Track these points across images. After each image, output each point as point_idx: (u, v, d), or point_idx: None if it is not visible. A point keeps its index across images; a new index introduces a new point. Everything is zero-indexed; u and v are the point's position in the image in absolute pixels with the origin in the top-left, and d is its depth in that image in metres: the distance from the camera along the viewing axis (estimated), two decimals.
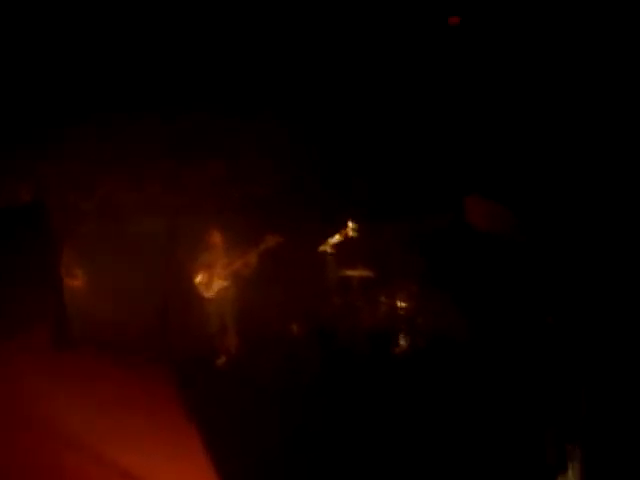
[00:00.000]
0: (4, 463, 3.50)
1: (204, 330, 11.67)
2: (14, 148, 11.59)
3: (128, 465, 3.69)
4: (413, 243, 11.43)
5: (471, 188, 11.67)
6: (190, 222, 11.77)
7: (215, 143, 12.28)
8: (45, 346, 5.13)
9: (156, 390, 4.53)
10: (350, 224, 12.25)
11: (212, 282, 11.93)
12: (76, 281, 11.62)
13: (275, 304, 11.76)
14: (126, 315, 11.25)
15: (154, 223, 11.16)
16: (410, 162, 11.87)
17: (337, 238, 12.08)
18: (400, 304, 11.37)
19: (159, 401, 4.43)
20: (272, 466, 6.03)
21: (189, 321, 11.18)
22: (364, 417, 6.99)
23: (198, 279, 11.97)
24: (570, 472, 6.34)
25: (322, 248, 12.07)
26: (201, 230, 12.07)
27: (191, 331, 11.00)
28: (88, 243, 10.89)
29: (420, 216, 11.77)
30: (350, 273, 12.02)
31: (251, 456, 6.11)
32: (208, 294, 11.94)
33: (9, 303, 5.40)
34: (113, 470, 3.66)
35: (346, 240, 12.21)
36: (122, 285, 11.94)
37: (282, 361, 8.36)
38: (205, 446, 4.17)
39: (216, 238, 12.04)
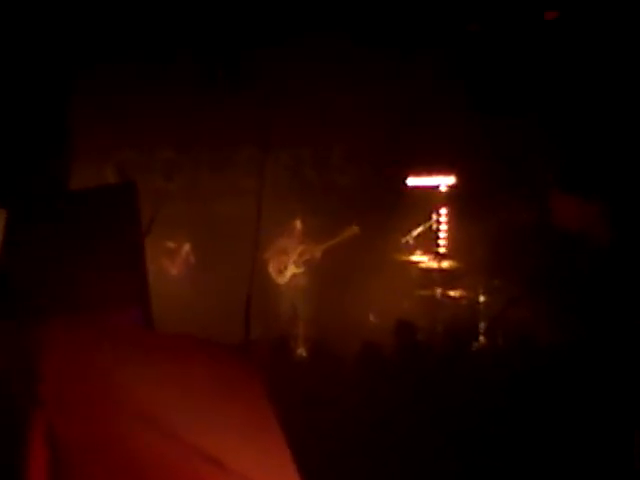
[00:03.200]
0: (86, 441, 3.44)
1: (281, 317, 11.71)
2: (97, 131, 11.70)
3: (207, 447, 3.62)
4: (497, 238, 11.25)
5: (556, 183, 11.47)
6: (271, 207, 11.77)
7: (298, 131, 12.25)
8: (131, 328, 5.08)
9: (237, 376, 4.45)
10: (434, 216, 12.13)
11: (289, 269, 11.94)
12: (161, 263, 11.76)
13: (353, 294, 11.73)
14: (211, 299, 11.33)
15: (240, 207, 11.17)
16: (492, 156, 11.68)
17: (420, 230, 11.98)
18: (482, 299, 11.22)
19: (240, 387, 4.35)
20: (348, 454, 5.99)
21: (267, 307, 11.21)
22: (440, 412, 6.85)
23: (277, 265, 11.99)
24: None
25: (404, 240, 11.97)
26: (281, 216, 12.09)
27: (269, 318, 11.03)
28: (173, 226, 10.95)
29: (504, 211, 11.60)
30: (432, 266, 11.91)
31: (327, 444, 6.06)
32: (284, 280, 11.95)
33: (95, 284, 5.36)
34: (192, 451, 3.59)
35: (429, 232, 12.11)
36: (206, 269, 12.03)
37: (360, 351, 8.25)
38: (283, 432, 4.08)
39: (296, 225, 12.04)
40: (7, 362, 5.05)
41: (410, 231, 11.99)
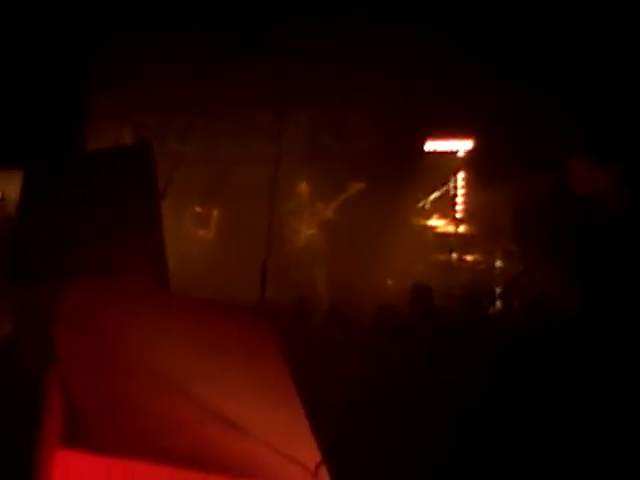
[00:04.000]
0: (101, 398, 3.46)
1: (300, 279, 11.74)
2: (115, 94, 11.70)
3: (222, 407, 3.64)
4: (515, 203, 11.22)
5: (575, 147, 11.39)
6: (288, 172, 11.81)
7: (317, 96, 12.20)
8: (147, 289, 5.10)
9: (253, 337, 4.47)
10: (451, 181, 12.10)
11: (304, 230, 11.96)
12: (179, 226, 11.80)
13: (370, 258, 11.75)
14: (227, 263, 11.38)
15: (257, 171, 11.18)
16: (511, 121, 11.60)
17: (437, 194, 11.96)
18: (498, 264, 11.21)
19: (255, 348, 4.37)
20: (360, 415, 6.00)
21: (285, 270, 11.23)
22: (454, 376, 6.85)
23: (291, 228, 12.02)
24: None
25: (422, 204, 11.95)
26: (297, 180, 12.10)
27: (287, 280, 11.06)
28: (189, 189, 10.97)
29: (522, 176, 11.53)
30: (449, 230, 11.90)
31: (341, 404, 6.09)
32: (300, 243, 11.98)
33: (111, 245, 5.38)
34: (209, 414, 3.61)
35: (446, 196, 12.09)
36: (223, 232, 12.07)
37: (376, 314, 8.27)
38: (298, 392, 4.11)
39: (306, 187, 12.05)
40: (24, 321, 5.09)
41: (427, 196, 11.97)
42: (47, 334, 3.96)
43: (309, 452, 3.63)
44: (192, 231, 12.17)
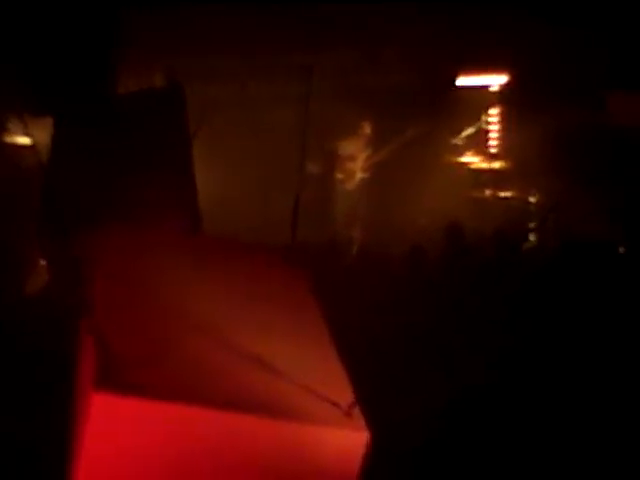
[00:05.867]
0: (135, 342, 3.50)
1: (338, 223, 11.75)
2: (145, 36, 11.65)
3: (259, 352, 3.66)
4: (550, 138, 11.08)
5: (613, 81, 11.22)
6: (320, 112, 11.73)
7: (347, 33, 12.09)
8: (181, 234, 5.12)
9: (287, 281, 4.48)
10: (484, 116, 11.99)
11: (350, 174, 11.93)
12: (209, 171, 11.79)
13: (403, 196, 11.71)
14: (258, 207, 11.40)
15: (287, 114, 11.12)
16: (546, 54, 11.43)
17: (471, 130, 11.86)
18: (532, 200, 11.13)
19: (290, 292, 4.38)
20: (393, 358, 6.01)
21: (323, 214, 11.25)
22: (488, 315, 6.83)
23: (337, 170, 11.98)
24: None
25: (455, 140, 11.87)
26: (330, 120, 12.02)
27: (325, 224, 11.07)
28: (222, 132, 10.95)
29: (557, 110, 11.38)
30: (482, 167, 11.82)
31: (374, 347, 6.10)
32: (345, 186, 11.95)
33: (143, 189, 5.40)
34: (243, 356, 3.63)
35: (480, 132, 11.98)
36: (255, 177, 12.06)
37: (408, 254, 8.24)
38: (331, 334, 4.12)
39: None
40: (58, 268, 5.14)
41: (461, 132, 11.88)
42: (81, 280, 3.99)
43: (343, 392, 3.66)
44: (225, 174, 12.15)
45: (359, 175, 12.01)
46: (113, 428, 3.26)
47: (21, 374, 4.63)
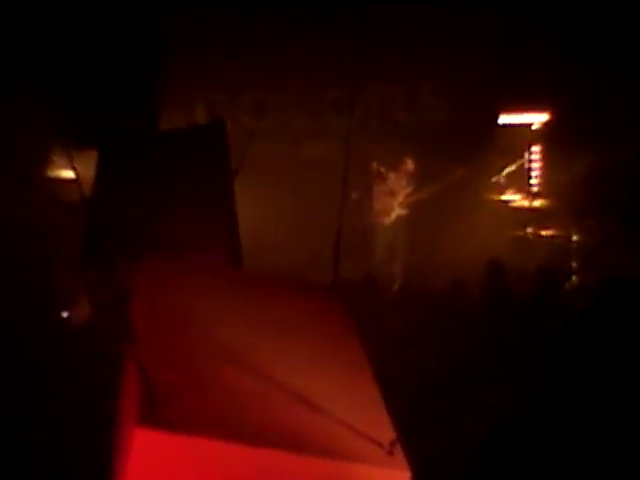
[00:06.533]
0: (177, 377, 3.50)
1: (377, 259, 11.73)
2: (188, 72, 11.77)
3: (299, 388, 3.63)
4: (591, 176, 11.03)
5: None
6: (360, 148, 11.75)
7: (389, 70, 12.13)
8: (221, 268, 5.11)
9: (327, 315, 4.46)
10: (526, 154, 11.96)
11: (390, 210, 11.92)
12: (249, 206, 11.81)
13: (444, 233, 11.67)
14: (298, 242, 11.39)
15: (329, 148, 11.16)
16: (587, 92, 11.39)
17: (512, 168, 11.83)
18: (575, 239, 11.05)
19: (330, 326, 4.36)
20: (432, 394, 5.97)
21: (359, 248, 11.22)
22: (527, 353, 6.77)
23: (382, 206, 11.97)
24: None
25: (496, 178, 11.84)
26: (371, 156, 12.03)
27: (364, 260, 11.05)
28: (263, 167, 10.98)
29: (598, 149, 11.34)
30: (524, 205, 11.77)
31: (414, 384, 6.06)
32: (385, 221, 11.94)
33: (186, 225, 5.41)
34: (283, 391, 3.61)
35: (521, 171, 11.95)
36: (295, 211, 12.07)
37: (449, 291, 8.21)
38: (373, 371, 4.09)
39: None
40: (101, 300, 5.15)
41: (502, 170, 11.85)
42: (124, 312, 3.99)
43: (384, 430, 3.62)
44: (266, 209, 12.18)
45: (399, 211, 12.00)
46: (156, 464, 3.24)
47: (65, 408, 4.64)
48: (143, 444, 3.21)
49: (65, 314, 6.68)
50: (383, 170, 12.04)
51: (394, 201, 11.98)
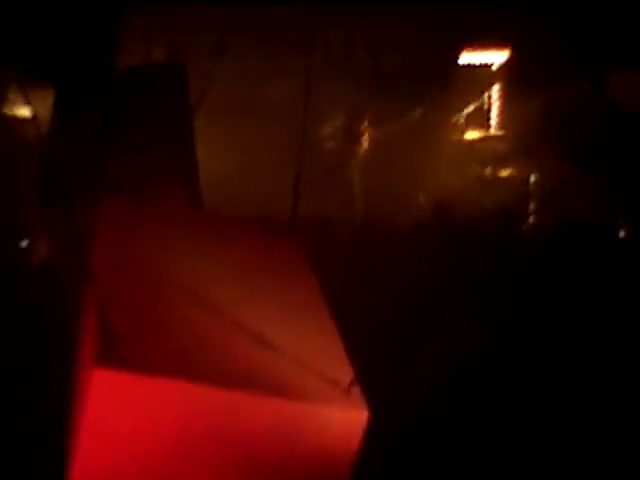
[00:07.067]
0: (136, 317, 3.51)
1: (335, 197, 11.72)
2: (146, 11, 11.62)
3: (257, 329, 3.67)
4: (551, 116, 11.05)
5: (613, 56, 11.18)
6: (321, 89, 11.70)
7: (348, 11, 12.05)
8: (181, 208, 5.12)
9: (286, 257, 4.48)
10: (486, 94, 11.95)
11: (351, 150, 11.90)
12: (208, 145, 11.75)
13: (403, 173, 11.68)
14: (259, 183, 11.36)
15: (287, 87, 11.11)
16: (546, 30, 11.38)
17: (472, 108, 11.82)
18: (533, 179, 11.10)
19: (287, 265, 4.38)
20: (388, 332, 6.02)
21: (319, 186, 11.21)
22: (484, 293, 6.81)
23: (337, 145, 11.96)
24: None
25: (456, 118, 11.83)
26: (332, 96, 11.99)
27: (326, 200, 11.05)
28: (221, 109, 10.91)
29: (559, 88, 11.34)
30: (482, 145, 11.78)
31: (371, 322, 6.11)
32: (346, 162, 11.93)
33: (144, 164, 5.39)
34: (241, 332, 3.64)
35: (481, 110, 11.95)
36: (254, 152, 12.02)
37: (407, 231, 8.23)
38: (330, 309, 4.13)
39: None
40: (59, 240, 5.13)
41: (462, 109, 11.85)
42: (82, 252, 3.99)
43: (342, 369, 3.66)
44: (226, 148, 12.12)
45: (359, 151, 11.99)
46: (114, 403, 3.27)
47: (20, 345, 4.63)
48: (100, 383, 3.24)
49: (24, 245, 6.64)
50: (343, 111, 12.00)
51: (355, 141, 11.97)
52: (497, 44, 12.05)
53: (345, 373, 3.62)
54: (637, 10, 10.81)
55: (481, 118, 12.02)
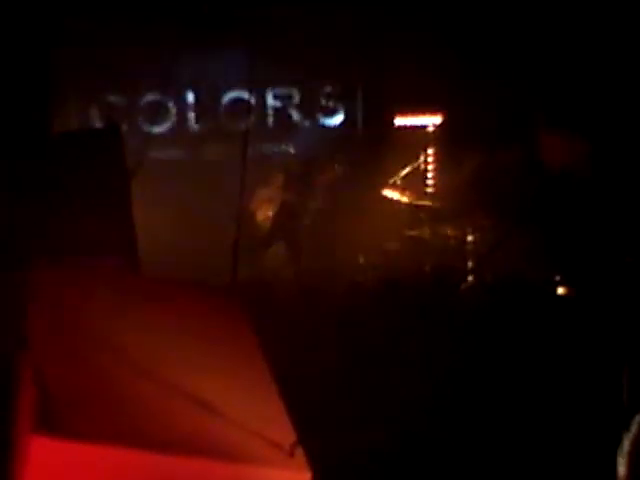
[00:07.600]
0: (73, 383, 3.45)
1: (271, 259, 11.70)
2: (81, 75, 11.62)
3: (196, 392, 3.63)
4: (486, 177, 11.22)
5: (544, 122, 11.43)
6: (258, 149, 11.78)
7: (285, 72, 12.18)
8: (117, 273, 5.07)
9: (226, 320, 4.46)
10: (422, 156, 12.08)
11: (287, 213, 11.91)
12: (146, 208, 11.68)
13: (341, 235, 11.73)
14: (196, 244, 11.31)
15: (226, 150, 11.16)
16: (480, 96, 11.60)
17: (408, 170, 11.94)
18: (470, 238, 11.21)
19: (228, 328, 4.37)
20: (334, 390, 6.01)
21: (256, 250, 11.20)
22: (429, 351, 6.87)
23: (263, 212, 11.96)
24: None
25: (392, 180, 11.93)
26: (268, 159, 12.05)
27: (258, 260, 11.03)
28: (159, 171, 10.89)
29: (492, 150, 11.54)
30: (420, 206, 11.88)
31: (314, 380, 6.09)
32: (283, 225, 11.93)
33: (80, 229, 5.35)
34: (180, 396, 3.60)
35: (417, 172, 12.07)
36: (192, 214, 11.98)
37: (347, 292, 8.28)
38: (271, 370, 4.11)
39: (278, 175, 11.98)
40: None
41: (398, 171, 11.95)
42: (18, 318, 3.94)
43: (284, 432, 3.64)
44: (163, 213, 12.07)
45: (298, 214, 12.00)
46: (52, 470, 3.21)
47: None
48: (38, 452, 3.18)
49: None
50: (279, 173, 12.03)
51: (293, 204, 11.99)
52: (431, 108, 12.22)
53: (287, 435, 3.60)
54: (564, 75, 11.11)
55: (417, 180, 12.14)
